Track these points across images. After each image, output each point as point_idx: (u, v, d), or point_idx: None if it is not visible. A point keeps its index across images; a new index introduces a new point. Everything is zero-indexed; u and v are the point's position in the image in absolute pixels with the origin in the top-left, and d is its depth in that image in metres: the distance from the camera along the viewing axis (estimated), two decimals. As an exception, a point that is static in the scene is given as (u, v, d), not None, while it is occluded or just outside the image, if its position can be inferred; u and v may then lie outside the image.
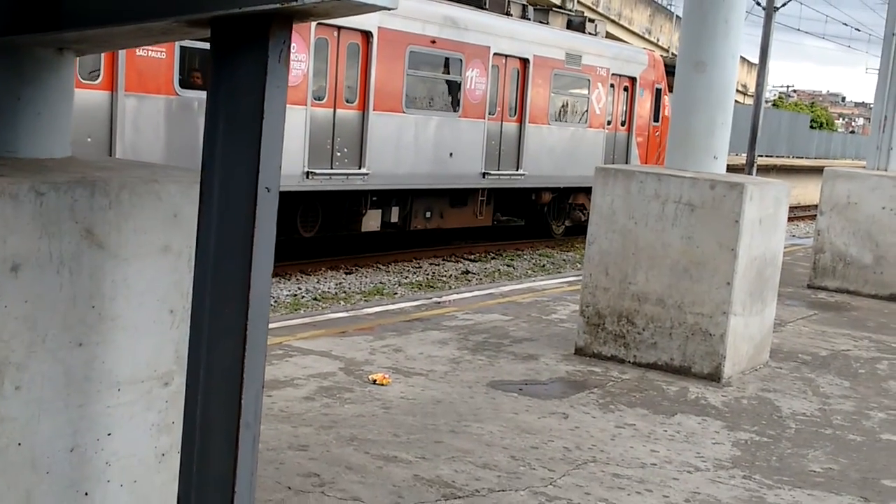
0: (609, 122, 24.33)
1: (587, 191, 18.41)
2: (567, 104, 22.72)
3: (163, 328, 3.48)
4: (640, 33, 44.11)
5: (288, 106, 12.46)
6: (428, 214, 19.56)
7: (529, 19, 22.19)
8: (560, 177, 22.30)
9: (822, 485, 5.90)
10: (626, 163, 24.61)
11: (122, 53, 13.20)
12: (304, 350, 7.82)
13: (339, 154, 16.80)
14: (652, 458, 6.08)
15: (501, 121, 20.61)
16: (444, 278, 17.85)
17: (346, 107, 16.93)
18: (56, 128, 3.50)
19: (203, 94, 13.30)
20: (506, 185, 21.15)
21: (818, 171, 13.98)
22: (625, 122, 25.06)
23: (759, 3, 28.68)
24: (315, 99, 16.24)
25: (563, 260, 21.44)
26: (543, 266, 20.37)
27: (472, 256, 20.60)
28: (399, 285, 16.70)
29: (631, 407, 7.08)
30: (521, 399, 7.04)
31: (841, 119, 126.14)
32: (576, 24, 24.23)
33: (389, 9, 2.83)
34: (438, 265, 19.19)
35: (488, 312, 10.03)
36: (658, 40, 45.26)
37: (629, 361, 8.16)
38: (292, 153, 15.54)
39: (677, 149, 8.44)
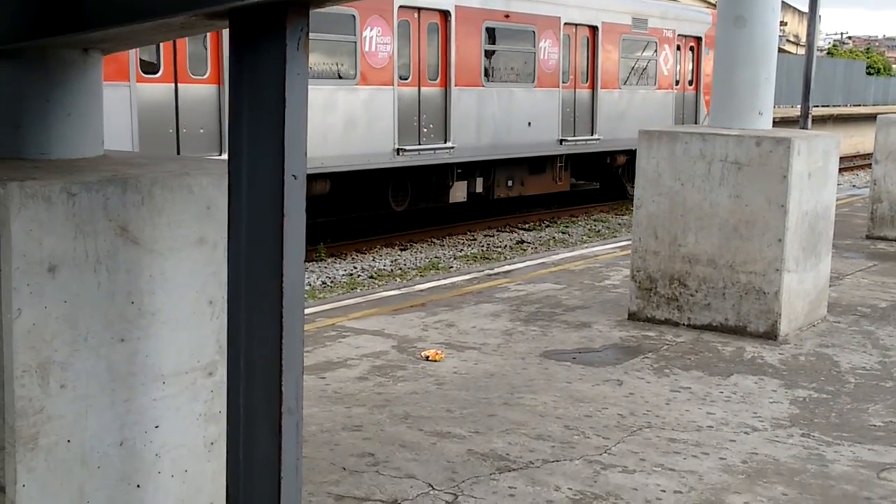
0: (677, 83, 24.90)
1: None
2: (636, 68, 23.30)
3: (203, 319, 3.52)
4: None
5: (376, 87, 13.85)
6: (510, 183, 20.31)
7: None
8: (633, 139, 22.29)
9: (883, 439, 5.82)
10: (696, 121, 24.89)
11: (227, 49, 13.52)
12: (357, 330, 7.87)
13: (425, 130, 17.61)
14: (708, 420, 6.04)
15: (574, 88, 21.28)
16: (500, 249, 17.83)
17: (429, 84, 17.67)
18: (86, 127, 3.54)
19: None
20: (582, 151, 21.74)
21: (876, 118, 13.71)
22: (692, 81, 25.51)
23: (805, -49, 28.12)
24: (400, 79, 16.91)
25: (619, 224, 21.30)
26: (598, 231, 20.26)
27: (527, 225, 20.56)
28: (454, 259, 16.72)
29: (686, 370, 7.04)
30: (575, 368, 7.03)
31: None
32: None
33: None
34: (493, 236, 19.17)
35: (541, 282, 10.01)
36: (707, -5, 44.53)
37: (683, 324, 8.10)
38: (383, 132, 16.50)
39: (721, 107, 8.33)
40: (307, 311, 8.24)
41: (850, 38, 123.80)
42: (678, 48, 24.64)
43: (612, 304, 8.98)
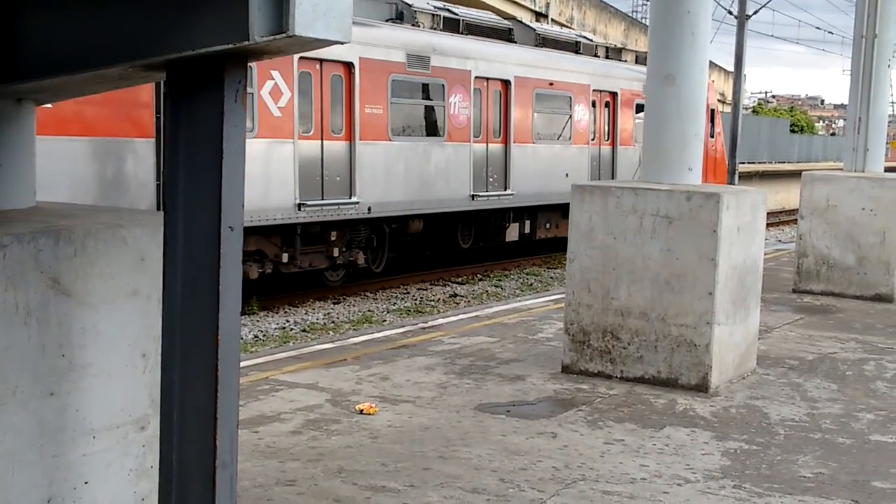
0: None
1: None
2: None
3: (136, 373, 3.47)
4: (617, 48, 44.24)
5: (458, 143, 17.60)
6: (548, 226, 23.31)
7: (610, 58, 26.09)
8: None
9: (813, 490, 5.90)
10: None
11: (357, 112, 17.05)
12: (290, 383, 7.81)
13: (491, 179, 20.96)
14: (642, 472, 6.07)
15: (599, 145, 24.63)
16: (433, 302, 17.84)
17: (494, 141, 21.03)
18: (19, 178, 3.50)
19: (408, 140, 18.36)
20: None
21: (800, 175, 14.06)
22: None
23: (730, 13, 28.88)
24: (474, 137, 20.26)
25: (551, 278, 21.45)
26: (531, 285, 20.37)
27: (460, 279, 20.61)
28: (388, 312, 16.68)
29: (619, 422, 7.08)
30: (509, 421, 7.03)
31: (821, 122, 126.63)
32: (643, 59, 27.16)
33: (342, 42, 2.84)
34: (426, 290, 19.17)
35: (475, 335, 10.02)
36: (634, 54, 45.34)
37: (616, 377, 8.16)
38: (462, 180, 19.89)
39: (652, 162, 8.47)
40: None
41: (774, 96, 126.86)
42: None
43: (545, 356, 9.02)
